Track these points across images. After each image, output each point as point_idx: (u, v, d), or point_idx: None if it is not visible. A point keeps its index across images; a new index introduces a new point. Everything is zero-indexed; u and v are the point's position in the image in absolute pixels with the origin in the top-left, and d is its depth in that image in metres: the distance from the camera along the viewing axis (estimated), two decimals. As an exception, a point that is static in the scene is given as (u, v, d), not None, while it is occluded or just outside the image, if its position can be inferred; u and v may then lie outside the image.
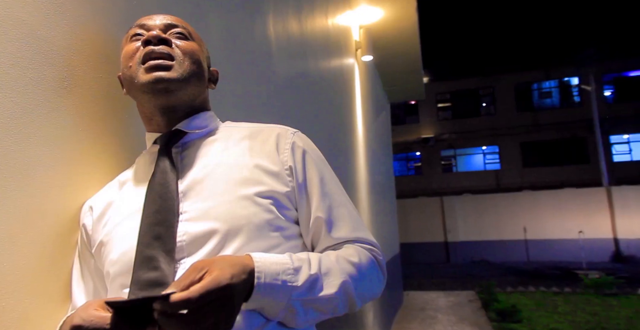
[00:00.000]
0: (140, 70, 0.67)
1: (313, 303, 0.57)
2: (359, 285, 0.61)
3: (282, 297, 0.54)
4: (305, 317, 0.57)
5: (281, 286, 0.53)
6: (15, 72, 0.65)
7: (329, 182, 0.70)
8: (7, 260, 0.61)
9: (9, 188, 0.62)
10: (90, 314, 0.51)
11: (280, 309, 0.54)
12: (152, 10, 0.95)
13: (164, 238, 0.60)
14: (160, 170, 0.66)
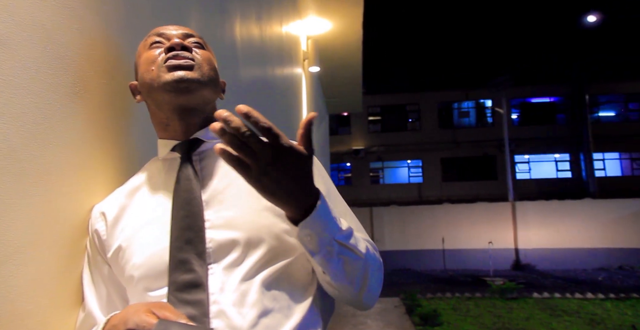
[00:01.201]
0: (163, 69, 0.71)
1: (346, 254, 0.62)
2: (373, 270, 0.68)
3: (331, 230, 0.60)
4: (336, 267, 0.62)
5: (333, 219, 0.60)
6: (38, 77, 0.67)
7: (334, 193, 0.78)
8: (29, 265, 0.62)
9: (31, 193, 0.64)
10: (143, 319, 0.54)
11: (324, 243, 0.59)
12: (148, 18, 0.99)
13: (195, 242, 0.64)
14: (184, 177, 0.70)
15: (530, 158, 17.27)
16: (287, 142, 0.54)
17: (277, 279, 0.65)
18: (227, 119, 0.51)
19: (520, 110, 17.62)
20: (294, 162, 0.55)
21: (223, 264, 0.64)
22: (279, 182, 0.55)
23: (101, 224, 0.72)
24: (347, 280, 0.65)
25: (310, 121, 0.56)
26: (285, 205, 0.58)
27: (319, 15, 3.92)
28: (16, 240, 0.61)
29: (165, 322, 0.53)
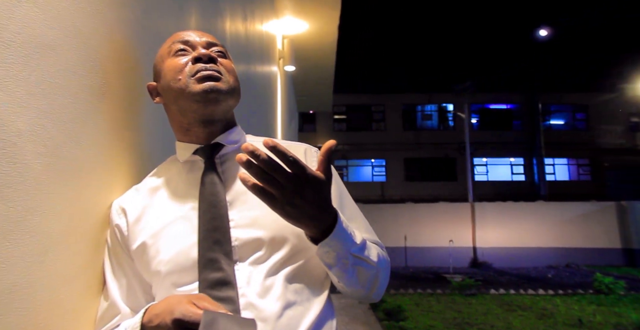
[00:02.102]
0: (192, 81, 0.75)
1: (359, 264, 0.69)
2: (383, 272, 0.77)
3: (347, 245, 0.66)
4: (350, 276, 0.69)
5: (349, 235, 0.67)
6: (75, 79, 0.71)
7: (346, 196, 0.83)
8: (63, 256, 0.66)
9: (69, 189, 0.68)
10: (188, 309, 0.58)
11: (341, 257, 0.65)
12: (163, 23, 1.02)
13: (222, 242, 0.69)
14: (209, 181, 0.75)
15: (487, 161, 18.20)
16: (310, 173, 0.60)
17: (298, 275, 0.71)
18: (255, 153, 0.57)
19: (480, 115, 18.53)
20: (316, 190, 0.61)
21: (248, 261, 0.69)
22: (302, 209, 0.61)
23: (122, 220, 0.77)
24: (359, 285, 0.72)
25: (330, 148, 0.62)
26: (307, 227, 0.65)
27: (295, 15, 3.98)
28: (56, 232, 0.65)
29: (211, 313, 0.57)
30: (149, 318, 0.63)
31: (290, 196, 0.60)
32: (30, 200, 0.59)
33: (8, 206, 0.55)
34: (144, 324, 0.63)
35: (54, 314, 0.64)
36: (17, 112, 0.57)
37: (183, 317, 0.57)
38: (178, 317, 0.57)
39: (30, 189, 0.59)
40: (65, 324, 0.66)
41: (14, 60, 0.57)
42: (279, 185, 0.59)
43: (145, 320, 0.63)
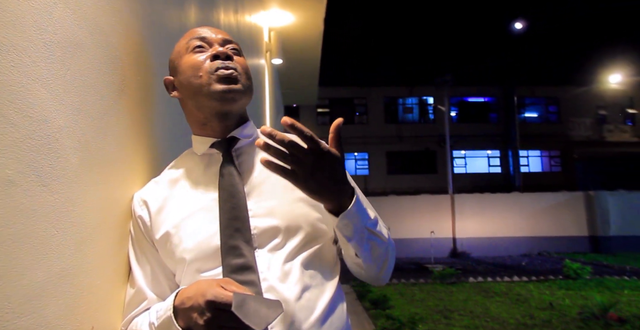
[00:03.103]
0: (213, 78, 0.78)
1: (373, 239, 0.74)
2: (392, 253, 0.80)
3: (363, 219, 0.71)
4: (365, 250, 0.73)
5: (364, 210, 0.72)
6: (100, 76, 0.74)
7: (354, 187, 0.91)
8: (97, 245, 0.70)
9: (99, 181, 0.71)
10: (219, 292, 0.61)
11: (358, 230, 0.70)
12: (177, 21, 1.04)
13: (242, 231, 0.74)
14: (227, 173, 0.79)
15: (466, 154, 18.61)
16: (325, 147, 0.66)
17: (312, 261, 0.76)
18: (272, 133, 0.62)
19: (459, 108, 18.87)
20: (332, 164, 0.66)
21: (267, 248, 0.74)
22: (322, 182, 0.66)
23: (145, 212, 0.80)
24: (372, 261, 0.76)
25: (339, 125, 0.67)
26: (327, 201, 0.70)
27: (281, 7, 3.98)
28: (92, 222, 0.68)
29: (241, 295, 0.61)
30: (181, 300, 0.66)
31: (310, 170, 0.65)
32: (71, 192, 0.62)
33: (55, 197, 0.58)
34: (176, 306, 0.67)
35: (92, 300, 0.67)
36: (58, 109, 0.60)
37: (215, 299, 0.61)
38: (210, 299, 0.61)
39: (70, 182, 0.62)
40: (100, 309, 0.70)
41: (53, 59, 0.59)
42: (298, 160, 0.64)
43: (177, 303, 0.67)
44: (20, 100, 0.52)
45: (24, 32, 0.53)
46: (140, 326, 0.73)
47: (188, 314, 0.64)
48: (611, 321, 4.29)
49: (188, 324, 0.65)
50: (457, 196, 11.73)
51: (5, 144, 0.50)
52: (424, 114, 18.99)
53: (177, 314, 0.67)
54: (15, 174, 0.51)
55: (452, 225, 11.34)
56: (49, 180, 0.58)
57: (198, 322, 0.62)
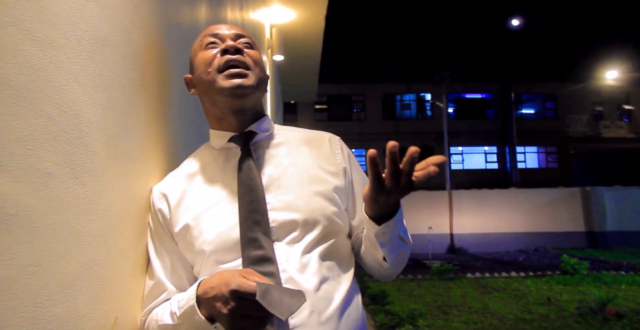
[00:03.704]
0: (221, 76, 0.79)
1: (402, 246, 0.78)
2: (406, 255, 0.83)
3: (399, 228, 0.75)
4: (394, 257, 0.78)
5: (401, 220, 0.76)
6: (123, 72, 0.75)
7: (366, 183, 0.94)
8: (120, 237, 0.72)
9: (122, 174, 0.73)
10: (242, 281, 0.63)
11: (393, 237, 0.75)
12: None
13: (261, 223, 0.75)
14: (245, 166, 0.80)
15: (463, 150, 18.68)
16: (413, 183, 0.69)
17: (329, 254, 0.78)
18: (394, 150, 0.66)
19: (456, 104, 18.91)
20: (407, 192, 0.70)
21: (285, 241, 0.76)
22: (390, 199, 0.70)
23: (164, 205, 0.82)
24: (396, 265, 0.80)
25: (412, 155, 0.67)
26: (378, 210, 0.72)
27: (283, 4, 3.98)
28: (116, 214, 0.70)
29: (264, 284, 0.62)
30: (204, 290, 0.68)
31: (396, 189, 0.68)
32: (98, 185, 0.64)
33: (85, 189, 0.60)
34: (198, 296, 0.69)
35: (116, 290, 0.69)
36: (88, 103, 0.62)
37: (239, 288, 0.62)
38: (234, 288, 0.62)
39: (98, 175, 0.64)
40: (122, 300, 0.72)
41: (84, 56, 0.61)
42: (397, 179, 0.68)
43: (200, 292, 0.69)
44: (57, 95, 0.54)
45: (60, 29, 0.55)
46: (161, 316, 0.74)
47: (211, 303, 0.66)
48: (609, 316, 4.35)
49: (211, 313, 0.67)
50: (454, 192, 11.80)
51: (45, 137, 0.52)
52: (422, 111, 19.02)
53: (199, 304, 0.68)
54: (53, 167, 0.53)
55: (449, 221, 11.41)
56: (80, 173, 0.60)
57: (222, 311, 0.64)
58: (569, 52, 17.19)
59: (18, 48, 0.47)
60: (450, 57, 16.78)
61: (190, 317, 0.69)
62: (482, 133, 18.11)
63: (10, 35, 0.46)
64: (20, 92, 0.47)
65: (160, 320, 0.74)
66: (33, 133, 0.49)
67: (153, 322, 0.76)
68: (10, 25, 0.46)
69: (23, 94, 0.48)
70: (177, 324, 0.71)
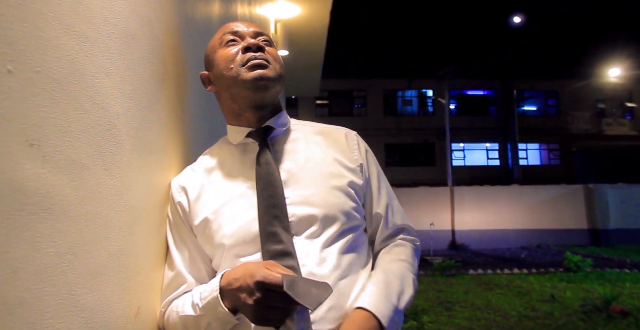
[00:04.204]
0: (243, 70, 0.81)
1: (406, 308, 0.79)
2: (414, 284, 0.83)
3: (398, 321, 0.74)
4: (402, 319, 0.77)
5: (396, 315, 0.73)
6: (147, 66, 0.77)
7: (383, 179, 0.91)
8: (143, 229, 0.74)
9: (145, 167, 0.75)
10: (268, 273, 0.63)
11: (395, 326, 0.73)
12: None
13: (281, 218, 0.76)
14: (264, 161, 0.81)
15: (465, 146, 18.69)
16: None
17: (347, 248, 0.78)
18: None
19: (458, 101, 18.90)
20: None
21: (304, 235, 0.76)
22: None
23: (183, 198, 0.83)
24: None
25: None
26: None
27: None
28: (140, 206, 0.72)
29: (290, 276, 0.63)
30: (227, 282, 0.69)
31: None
32: (125, 177, 0.66)
33: (114, 181, 0.62)
34: (222, 288, 0.70)
35: (139, 281, 0.71)
36: (117, 97, 0.64)
37: (264, 280, 0.63)
38: (260, 280, 0.63)
39: (124, 167, 0.66)
40: (145, 291, 0.74)
41: (114, 50, 0.62)
42: None
43: (224, 284, 0.70)
44: (91, 88, 0.56)
45: (94, 24, 0.56)
46: (182, 307, 0.75)
47: (236, 294, 0.66)
48: (614, 313, 4.38)
49: (235, 305, 0.68)
50: (456, 188, 11.82)
51: (81, 129, 0.53)
52: (423, 107, 19.01)
53: (223, 295, 0.69)
54: (87, 158, 0.55)
55: (451, 218, 11.44)
56: (109, 165, 0.61)
57: (247, 302, 0.64)
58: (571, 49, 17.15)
59: (60, 42, 0.48)
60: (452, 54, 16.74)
61: (214, 309, 0.70)
62: (483, 130, 18.11)
63: (52, 29, 0.47)
64: (61, 85, 0.49)
65: (182, 311, 0.75)
66: (71, 125, 0.51)
67: (173, 313, 0.77)
68: (52, 20, 0.47)
69: (63, 86, 0.49)
70: (199, 315, 0.72)
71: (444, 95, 14.37)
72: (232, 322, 0.70)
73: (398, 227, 0.90)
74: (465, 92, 18.89)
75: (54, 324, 0.47)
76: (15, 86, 0.41)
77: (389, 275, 0.79)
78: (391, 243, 0.89)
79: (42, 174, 0.45)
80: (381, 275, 0.79)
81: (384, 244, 0.89)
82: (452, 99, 18.28)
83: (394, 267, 0.82)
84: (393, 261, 0.83)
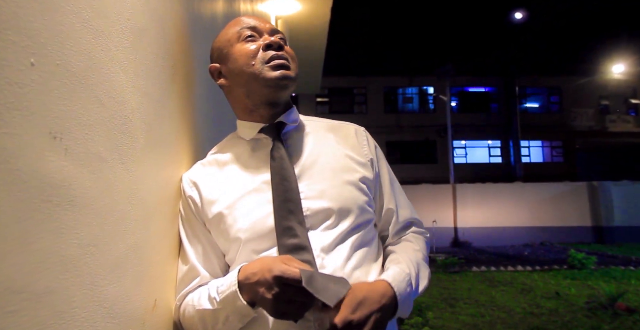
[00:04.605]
0: (266, 68, 0.82)
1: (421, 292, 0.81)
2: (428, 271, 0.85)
3: (410, 302, 0.76)
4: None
5: (410, 295, 0.75)
6: (158, 62, 0.78)
7: (391, 174, 0.93)
8: (158, 223, 0.75)
9: (160, 161, 0.76)
10: (286, 267, 0.64)
11: (409, 309, 0.75)
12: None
13: (295, 212, 0.77)
14: (278, 156, 0.82)
15: (466, 144, 18.69)
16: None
17: (360, 243, 0.80)
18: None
19: (459, 98, 18.88)
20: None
21: (319, 229, 0.78)
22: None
23: (195, 192, 0.84)
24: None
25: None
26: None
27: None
28: (153, 200, 0.73)
29: (307, 271, 0.63)
30: (245, 276, 0.70)
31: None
32: (141, 171, 0.67)
33: (130, 174, 0.63)
34: (240, 281, 0.71)
35: (154, 274, 0.72)
36: (131, 91, 0.64)
37: (282, 274, 0.64)
38: (278, 274, 0.64)
39: (139, 161, 0.67)
40: (160, 284, 0.75)
41: (127, 44, 0.63)
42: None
43: (241, 278, 0.70)
44: (107, 82, 0.56)
45: (109, 18, 0.57)
46: (198, 301, 0.76)
47: (254, 288, 0.67)
48: (619, 311, 4.39)
49: (253, 298, 0.69)
50: (458, 186, 11.83)
51: (98, 123, 0.54)
52: (424, 104, 19.00)
53: (241, 289, 0.70)
54: (105, 152, 0.56)
55: (453, 215, 11.46)
56: (125, 158, 0.62)
57: (266, 296, 0.65)
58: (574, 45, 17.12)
59: (77, 36, 0.49)
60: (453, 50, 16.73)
61: (232, 302, 0.71)
62: (485, 127, 18.10)
63: (70, 23, 0.48)
64: (79, 79, 0.50)
65: (198, 305, 0.76)
66: (90, 118, 0.52)
67: (189, 307, 0.77)
68: (70, 14, 0.48)
69: (81, 80, 0.50)
70: (217, 308, 0.73)
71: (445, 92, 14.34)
72: (250, 315, 0.71)
73: (408, 221, 0.92)
74: (466, 89, 18.87)
75: (79, 313, 0.48)
76: (37, 79, 0.42)
77: (407, 261, 0.81)
78: (403, 236, 0.91)
79: (65, 167, 0.46)
80: (400, 258, 0.82)
81: (396, 237, 0.90)
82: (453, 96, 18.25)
83: (412, 256, 0.84)
84: (409, 251, 0.85)
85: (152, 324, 0.71)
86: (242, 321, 0.72)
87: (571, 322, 4.27)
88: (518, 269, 7.30)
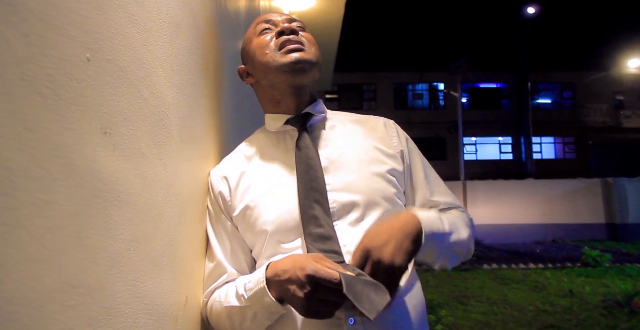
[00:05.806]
0: (278, 54, 0.81)
1: (456, 246, 0.78)
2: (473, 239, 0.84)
3: (441, 243, 0.75)
4: (454, 260, 0.78)
5: (440, 234, 0.74)
6: (190, 56, 0.77)
7: (427, 165, 0.91)
8: (190, 218, 0.75)
9: (191, 156, 0.76)
10: (318, 267, 0.63)
11: (440, 253, 0.74)
12: None
13: (321, 202, 0.76)
14: (304, 146, 0.81)
15: (477, 140, 18.52)
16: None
17: None
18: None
19: (469, 94, 18.69)
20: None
21: (346, 222, 0.76)
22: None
23: (225, 187, 0.83)
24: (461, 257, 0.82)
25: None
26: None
27: (301, -10, 3.95)
28: (186, 195, 0.73)
29: (348, 276, 0.61)
30: (275, 273, 0.68)
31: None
32: (175, 167, 0.67)
33: (166, 170, 0.63)
34: (268, 278, 0.70)
35: (186, 270, 0.72)
36: (168, 86, 0.64)
37: (315, 274, 0.63)
38: (310, 273, 0.63)
39: (174, 156, 0.67)
40: (191, 281, 0.75)
41: (165, 39, 0.63)
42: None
43: (270, 275, 0.69)
44: (148, 77, 0.56)
45: (150, 13, 0.57)
46: (226, 298, 0.75)
47: (284, 286, 0.66)
48: (636, 309, 4.32)
49: (282, 296, 0.68)
50: (469, 183, 11.74)
51: (141, 118, 0.54)
52: (434, 100, 18.85)
53: (269, 286, 0.69)
54: (145, 147, 0.56)
55: (464, 213, 11.38)
56: (163, 154, 0.62)
57: (297, 295, 0.64)
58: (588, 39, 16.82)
59: (124, 30, 0.49)
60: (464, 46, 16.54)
61: (260, 299, 0.70)
62: (496, 123, 17.91)
63: (118, 18, 0.48)
64: (125, 73, 0.49)
65: (226, 301, 0.75)
66: (134, 113, 0.52)
67: (217, 303, 0.77)
68: (118, 8, 0.48)
69: (127, 75, 0.50)
70: (245, 305, 0.72)
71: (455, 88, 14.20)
72: (279, 312, 0.70)
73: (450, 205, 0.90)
74: (477, 85, 18.66)
75: (124, 309, 0.48)
76: (92, 74, 0.41)
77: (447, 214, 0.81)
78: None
79: (113, 162, 0.46)
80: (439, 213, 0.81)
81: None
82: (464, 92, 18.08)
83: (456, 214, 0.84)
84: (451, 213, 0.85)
85: (185, 320, 0.71)
86: (271, 318, 0.71)
87: (586, 320, 4.22)
88: (530, 266, 7.23)
